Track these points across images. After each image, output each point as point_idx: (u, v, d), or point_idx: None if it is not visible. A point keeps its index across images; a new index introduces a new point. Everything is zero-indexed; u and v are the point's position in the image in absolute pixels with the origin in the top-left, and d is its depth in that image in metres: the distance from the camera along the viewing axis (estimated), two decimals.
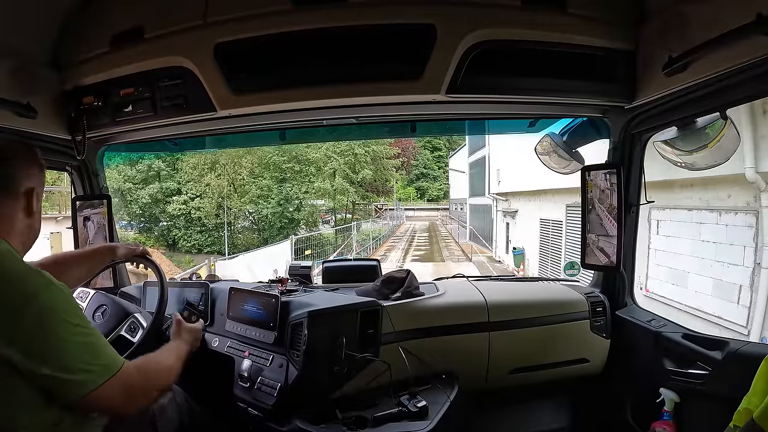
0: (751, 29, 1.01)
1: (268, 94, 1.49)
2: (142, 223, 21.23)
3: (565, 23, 1.40)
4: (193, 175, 20.84)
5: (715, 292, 5.15)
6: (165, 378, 1.08)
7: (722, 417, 1.10)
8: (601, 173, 1.81)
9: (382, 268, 2.14)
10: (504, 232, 16.63)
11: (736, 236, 4.85)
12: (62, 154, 1.83)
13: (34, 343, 0.77)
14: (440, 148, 44.74)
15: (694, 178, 5.29)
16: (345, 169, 24.01)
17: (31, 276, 0.82)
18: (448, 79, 1.40)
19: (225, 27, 1.42)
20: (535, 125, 1.99)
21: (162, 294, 1.52)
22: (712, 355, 1.48)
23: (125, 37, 1.52)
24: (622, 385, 1.87)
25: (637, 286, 2.06)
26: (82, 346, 0.83)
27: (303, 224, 21.98)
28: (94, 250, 1.47)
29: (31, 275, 0.82)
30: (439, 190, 45.21)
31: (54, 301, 0.81)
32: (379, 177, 28.23)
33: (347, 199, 25.21)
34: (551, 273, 10.94)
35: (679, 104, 1.43)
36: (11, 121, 1.49)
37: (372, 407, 1.48)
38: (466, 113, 1.85)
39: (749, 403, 1.02)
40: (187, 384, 1.56)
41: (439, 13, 1.35)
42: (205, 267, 8.83)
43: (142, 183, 20.33)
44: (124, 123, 1.66)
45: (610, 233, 1.79)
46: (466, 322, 1.78)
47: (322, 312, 1.51)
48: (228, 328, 1.71)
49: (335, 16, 1.38)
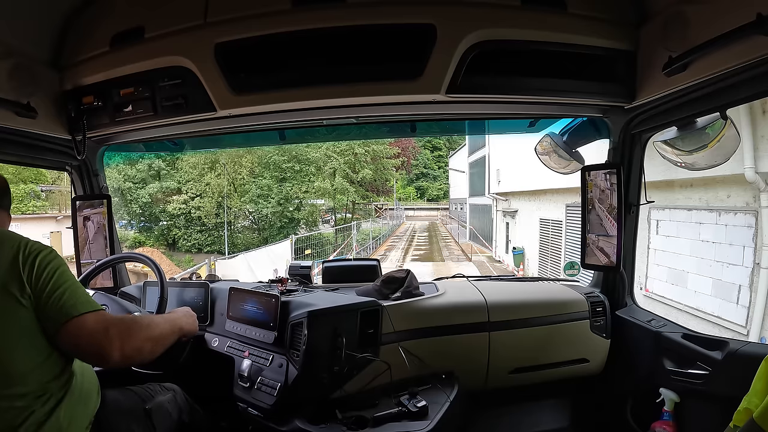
0: (751, 29, 1.01)
1: (268, 94, 1.49)
2: (142, 222, 21.22)
3: (565, 23, 1.40)
4: (193, 174, 20.83)
5: (714, 292, 5.15)
6: (154, 336, 1.11)
7: (722, 417, 1.10)
8: (601, 173, 1.81)
9: (382, 267, 2.14)
10: (504, 232, 16.63)
11: (736, 236, 4.86)
12: (62, 154, 1.83)
13: (40, 282, 0.94)
14: (440, 148, 44.77)
15: (693, 178, 5.29)
16: (345, 168, 24.02)
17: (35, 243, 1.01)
18: (448, 79, 1.40)
19: (225, 27, 1.42)
20: (535, 125, 1.99)
21: (162, 294, 1.53)
22: (712, 355, 1.48)
23: (125, 37, 1.52)
24: (622, 385, 1.88)
25: (636, 286, 2.06)
26: (73, 285, 1.00)
27: (303, 224, 21.98)
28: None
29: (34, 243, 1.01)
30: (439, 190, 45.24)
31: (50, 258, 0.99)
32: (379, 176, 28.24)
33: (347, 199, 25.21)
34: (551, 273, 10.94)
35: (679, 104, 1.43)
36: (11, 121, 1.49)
37: (372, 407, 1.48)
38: (466, 113, 1.85)
39: (749, 403, 1.02)
40: (187, 384, 1.56)
41: (439, 13, 1.35)
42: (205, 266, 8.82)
43: (142, 182, 20.32)
44: (124, 123, 1.66)
45: (610, 233, 1.79)
46: (466, 322, 1.79)
47: (322, 312, 1.51)
48: (228, 328, 1.71)
49: (335, 16, 1.38)
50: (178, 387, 1.51)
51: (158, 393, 1.39)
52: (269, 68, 1.47)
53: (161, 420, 1.31)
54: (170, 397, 1.42)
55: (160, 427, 1.29)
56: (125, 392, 1.30)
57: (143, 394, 1.33)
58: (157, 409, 1.32)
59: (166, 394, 1.42)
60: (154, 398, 1.35)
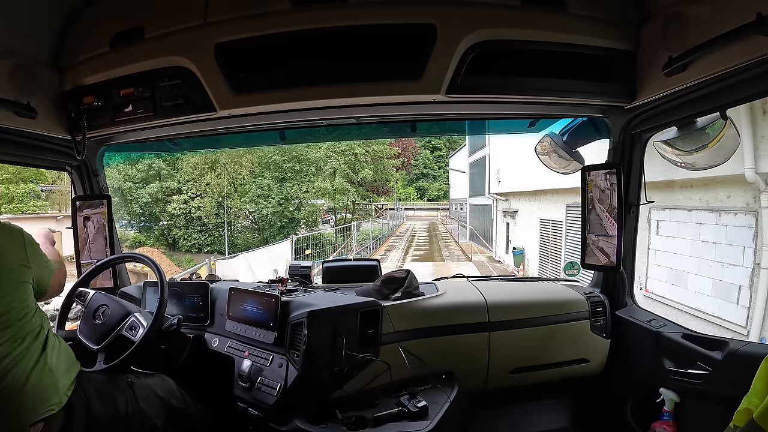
0: (751, 29, 1.01)
1: (267, 94, 1.49)
2: (142, 222, 21.20)
3: (565, 23, 1.40)
4: (193, 174, 20.81)
5: (714, 293, 5.15)
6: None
7: (722, 417, 1.10)
8: (601, 173, 1.81)
9: (382, 268, 2.14)
10: (504, 232, 16.61)
11: (736, 237, 4.85)
12: (62, 154, 1.83)
13: (32, 265, 1.25)
14: (440, 148, 44.76)
15: (694, 179, 5.29)
16: (345, 168, 23.99)
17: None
18: (448, 79, 1.39)
19: (225, 27, 1.42)
20: (535, 125, 1.99)
21: (162, 294, 1.53)
22: (712, 355, 1.48)
23: (125, 37, 1.52)
24: (622, 385, 1.87)
25: (636, 286, 2.06)
26: (47, 260, 1.36)
27: (303, 224, 21.96)
28: None
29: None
30: (439, 190, 45.22)
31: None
32: (379, 177, 28.19)
33: (347, 199, 25.18)
34: (551, 273, 10.93)
35: (679, 104, 1.43)
36: (11, 121, 1.49)
37: (372, 407, 1.48)
38: (466, 113, 1.85)
39: (749, 403, 1.02)
40: (187, 384, 1.56)
41: (439, 13, 1.35)
42: (205, 266, 8.81)
43: (142, 182, 20.31)
44: (124, 123, 1.66)
45: (610, 233, 1.79)
46: (466, 322, 1.79)
47: (322, 312, 1.51)
48: (228, 328, 1.71)
49: (335, 16, 1.38)
50: (177, 387, 1.51)
51: (145, 376, 1.48)
52: (269, 68, 1.47)
53: (145, 395, 1.36)
54: (157, 380, 1.47)
55: (143, 400, 1.34)
56: (110, 372, 1.40)
57: (128, 373, 1.44)
58: (141, 385, 1.39)
59: (152, 377, 1.48)
60: (139, 378, 1.43)
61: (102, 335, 1.48)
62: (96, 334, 1.49)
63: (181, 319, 1.61)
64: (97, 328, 1.50)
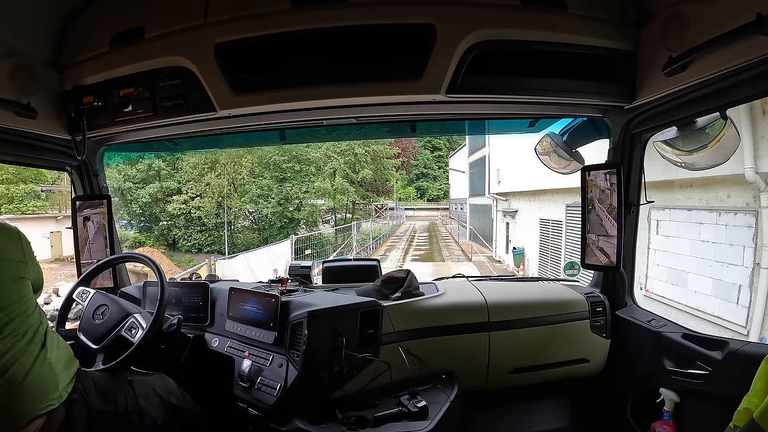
0: (751, 29, 1.01)
1: (268, 94, 1.49)
2: (142, 222, 21.20)
3: (565, 23, 1.40)
4: (193, 174, 20.81)
5: (714, 292, 5.15)
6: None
7: (722, 417, 1.10)
8: (601, 173, 1.81)
9: (382, 267, 2.14)
10: (504, 232, 16.62)
11: (736, 236, 4.85)
12: (62, 154, 1.83)
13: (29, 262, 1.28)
14: (440, 148, 44.78)
15: (693, 178, 5.29)
16: (345, 168, 23.99)
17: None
18: (448, 79, 1.39)
19: (225, 27, 1.42)
20: (535, 125, 1.99)
21: (162, 294, 1.53)
22: (712, 355, 1.48)
23: (125, 37, 1.52)
24: (622, 385, 1.87)
25: (636, 286, 2.06)
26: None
27: (303, 224, 21.96)
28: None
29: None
30: (439, 190, 45.24)
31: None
32: (379, 177, 28.20)
33: (347, 199, 25.18)
34: (551, 273, 10.94)
35: (679, 104, 1.43)
36: (11, 121, 1.49)
37: (372, 407, 1.48)
38: (466, 113, 1.85)
39: (749, 403, 1.02)
40: (187, 384, 1.56)
41: (439, 13, 1.35)
42: (205, 266, 8.81)
43: (142, 182, 20.31)
44: (124, 123, 1.66)
45: (610, 233, 1.79)
46: (466, 322, 1.79)
47: (322, 312, 1.51)
48: (228, 328, 1.71)
49: (335, 16, 1.38)
50: (177, 386, 1.51)
51: (144, 375, 1.49)
52: (269, 68, 1.47)
53: (144, 392, 1.37)
54: (156, 379, 1.48)
55: (143, 398, 1.35)
56: (109, 371, 1.41)
57: (128, 372, 1.45)
58: (140, 382, 1.40)
59: (151, 376, 1.49)
60: (139, 376, 1.45)
61: (102, 335, 1.49)
62: (96, 333, 1.49)
63: (181, 319, 1.61)
64: (97, 328, 1.50)
